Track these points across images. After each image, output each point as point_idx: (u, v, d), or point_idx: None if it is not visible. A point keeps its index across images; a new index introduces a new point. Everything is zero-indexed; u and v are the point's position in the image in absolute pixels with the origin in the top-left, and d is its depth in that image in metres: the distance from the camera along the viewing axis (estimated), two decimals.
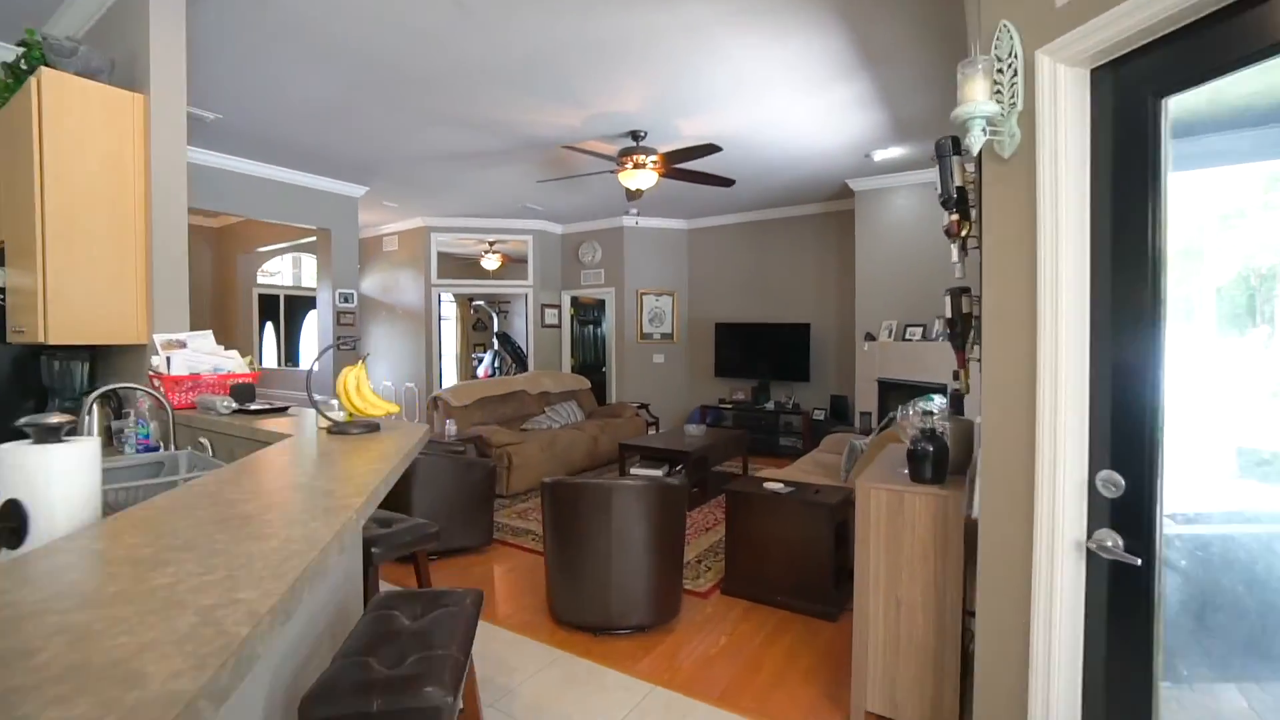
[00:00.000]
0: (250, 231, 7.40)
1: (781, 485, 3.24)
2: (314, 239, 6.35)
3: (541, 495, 2.89)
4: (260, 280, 7.89)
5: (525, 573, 3.58)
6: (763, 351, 7.46)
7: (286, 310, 8.18)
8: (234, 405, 2.20)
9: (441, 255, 8.23)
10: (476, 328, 11.90)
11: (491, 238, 8.21)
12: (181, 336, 2.40)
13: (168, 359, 2.30)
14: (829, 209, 7.04)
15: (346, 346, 6.28)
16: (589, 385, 7.35)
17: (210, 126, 4.50)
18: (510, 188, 6.52)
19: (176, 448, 2.04)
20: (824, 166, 5.62)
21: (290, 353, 8.31)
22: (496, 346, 11.11)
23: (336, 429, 1.85)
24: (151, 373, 2.32)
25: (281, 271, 8.18)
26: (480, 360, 11.18)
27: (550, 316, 8.51)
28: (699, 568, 3.60)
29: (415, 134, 4.71)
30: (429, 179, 6.13)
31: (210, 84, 3.77)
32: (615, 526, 2.68)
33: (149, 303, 2.45)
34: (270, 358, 8.18)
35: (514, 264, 9.55)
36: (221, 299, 7.81)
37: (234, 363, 2.49)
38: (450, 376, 11.32)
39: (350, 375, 1.87)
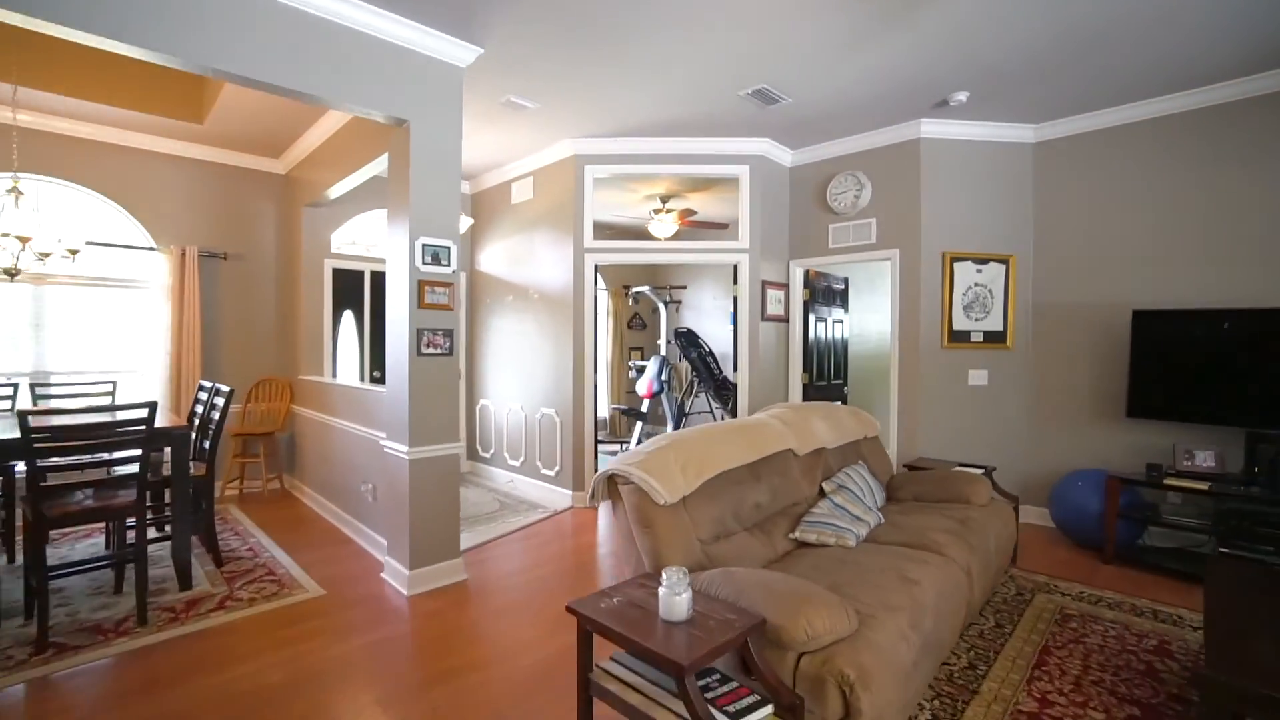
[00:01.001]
0: (314, 169, 4.75)
1: None
2: (384, 164, 3.44)
3: None
4: (336, 249, 5.29)
5: None
6: (1255, 369, 3.48)
7: (374, 293, 5.52)
8: None
9: (596, 225, 5.12)
10: (633, 325, 8.79)
11: (673, 171, 4.95)
12: None
13: None
14: None
15: (436, 351, 3.27)
16: (876, 428, 3.80)
17: None
18: (733, 54, 3.21)
19: None
20: None
21: (380, 357, 5.64)
22: (664, 353, 7.90)
23: None
24: None
25: (358, 242, 5.51)
26: (638, 372, 8.05)
27: (775, 302, 5.08)
28: None
29: None
30: (590, 31, 2.97)
31: None
32: None
33: None
34: (350, 365, 5.55)
35: (699, 233, 6.27)
36: (288, 273, 5.27)
37: None
38: (603, 395, 8.31)
39: None
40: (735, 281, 4.99)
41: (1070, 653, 2.59)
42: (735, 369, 4.99)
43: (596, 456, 5.03)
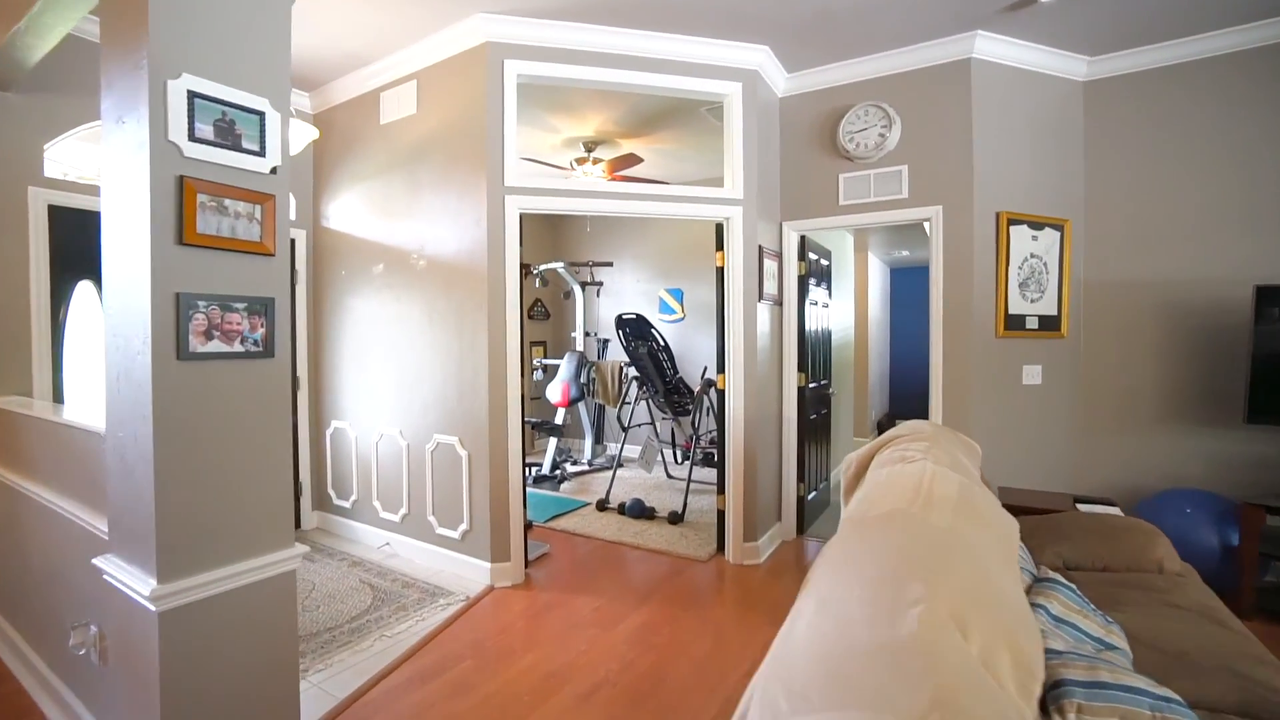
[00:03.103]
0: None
1: None
2: None
3: None
4: (58, 174, 3.06)
5: None
6: None
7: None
8: None
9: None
10: (534, 314, 7.06)
11: (636, 83, 3.41)
12: None
13: None
14: None
15: (232, 349, 1.45)
16: (978, 451, 2.57)
17: None
18: None
19: None
20: None
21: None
22: (580, 348, 6.28)
23: None
24: None
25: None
26: (544, 372, 6.36)
27: (770, 277, 3.72)
28: None
29: None
30: None
31: None
32: None
33: None
34: (91, 376, 3.32)
35: (674, 178, 4.76)
36: None
37: None
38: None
39: None
40: (721, 246, 3.56)
41: None
42: (722, 368, 3.57)
43: (526, 507, 3.35)
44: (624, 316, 4.42)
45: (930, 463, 1.61)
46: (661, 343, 4.45)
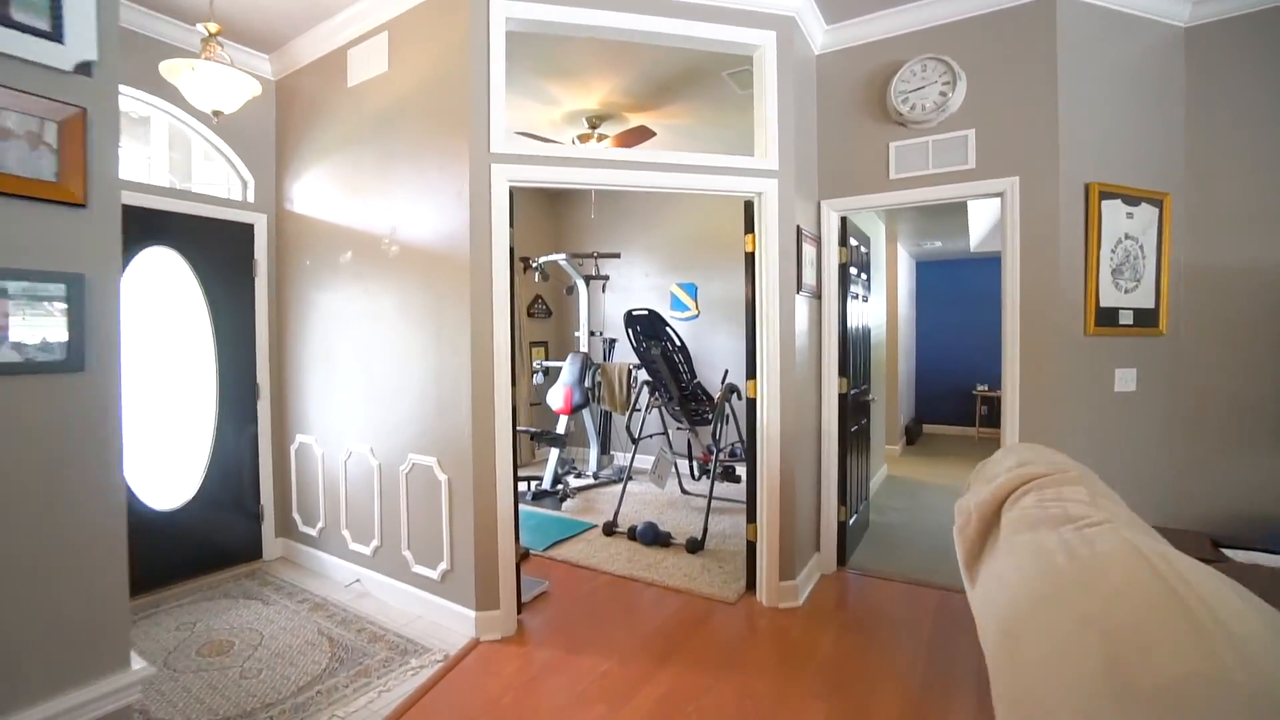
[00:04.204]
0: None
1: None
2: None
3: None
4: None
5: None
6: None
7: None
8: None
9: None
10: (534, 312, 6.50)
11: (650, 29, 2.84)
12: None
13: None
14: None
15: (31, 361, 0.86)
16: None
17: None
18: None
19: None
20: None
21: None
22: (584, 349, 5.72)
23: None
24: None
25: None
26: (545, 375, 5.80)
27: (809, 265, 3.15)
28: None
29: None
30: None
31: None
32: None
33: None
34: None
35: (695, 148, 4.18)
36: None
37: None
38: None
39: None
40: (751, 228, 2.98)
41: None
42: (751, 373, 3.00)
43: (519, 540, 2.79)
44: (634, 312, 3.87)
45: (1125, 531, 1.03)
46: (677, 343, 3.89)
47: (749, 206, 2.99)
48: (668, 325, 3.85)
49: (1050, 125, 2.75)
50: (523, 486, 5.19)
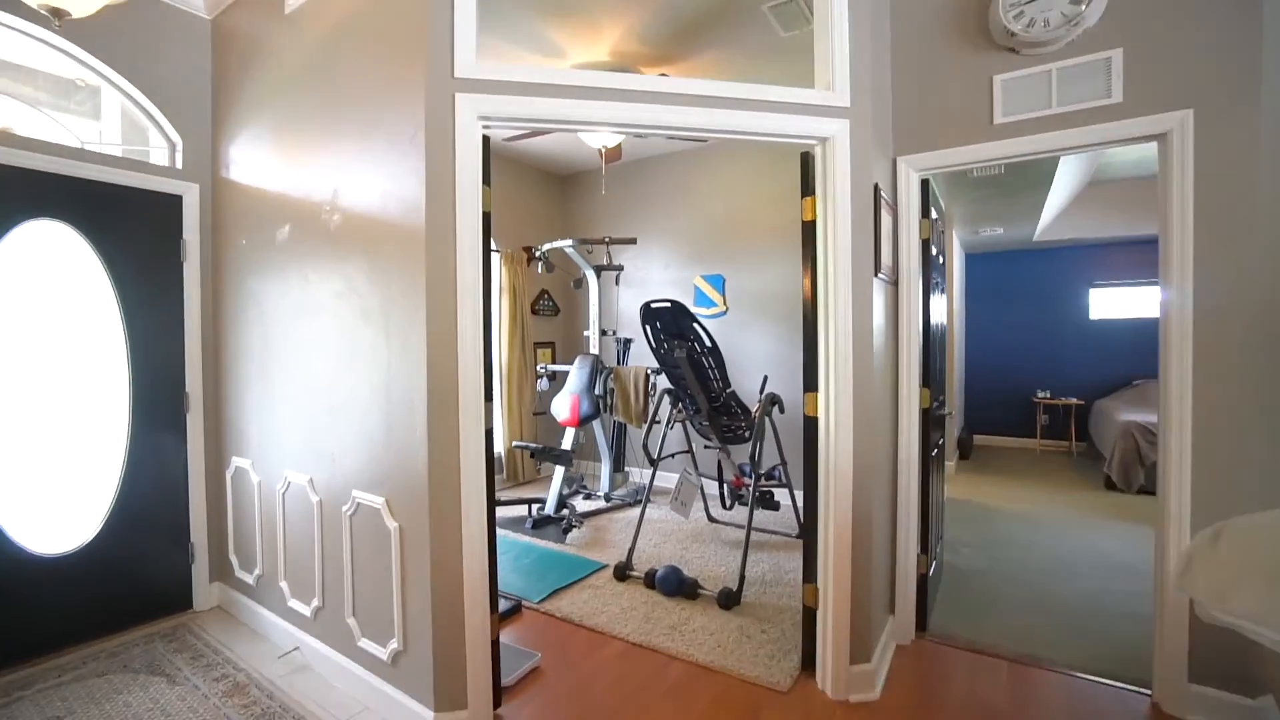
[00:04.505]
0: None
1: None
2: None
3: None
4: None
5: None
6: None
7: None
8: None
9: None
10: (539, 309, 5.76)
11: None
12: None
13: None
14: None
15: None
16: None
17: None
18: None
19: None
20: None
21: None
22: (595, 351, 4.98)
23: None
24: None
25: None
26: (550, 380, 5.06)
27: (886, 241, 2.38)
28: None
29: None
30: None
31: None
32: None
33: None
34: None
35: (737, 75, 3.42)
36: None
37: None
38: (497, 423, 5.37)
39: None
40: (810, 190, 2.22)
41: None
42: (811, 384, 2.23)
43: (496, 611, 2.04)
44: (653, 305, 3.12)
45: None
46: (707, 343, 3.14)
47: (807, 161, 2.23)
48: (695, 321, 3.10)
49: (1241, 35, 1.94)
50: (521, 510, 4.46)
